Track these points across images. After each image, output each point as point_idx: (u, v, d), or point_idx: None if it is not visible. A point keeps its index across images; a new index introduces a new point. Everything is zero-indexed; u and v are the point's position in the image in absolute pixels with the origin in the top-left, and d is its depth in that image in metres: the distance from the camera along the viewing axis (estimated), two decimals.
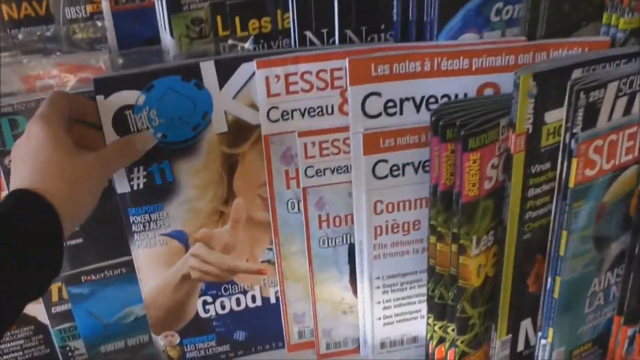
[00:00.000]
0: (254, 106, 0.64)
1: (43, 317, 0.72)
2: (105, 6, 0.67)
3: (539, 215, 0.63)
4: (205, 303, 0.73)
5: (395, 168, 0.65)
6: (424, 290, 0.70)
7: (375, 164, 0.64)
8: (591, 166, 0.59)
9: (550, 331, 0.66)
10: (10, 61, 0.65)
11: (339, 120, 0.64)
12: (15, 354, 0.74)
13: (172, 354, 0.75)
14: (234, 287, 0.73)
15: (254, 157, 0.66)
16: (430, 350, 0.71)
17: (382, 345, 0.74)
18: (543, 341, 0.68)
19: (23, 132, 0.57)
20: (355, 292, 0.72)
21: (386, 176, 0.65)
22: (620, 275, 0.68)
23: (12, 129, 0.62)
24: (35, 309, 0.71)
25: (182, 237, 0.69)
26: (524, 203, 0.62)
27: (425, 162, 0.65)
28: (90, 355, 0.75)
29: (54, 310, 0.71)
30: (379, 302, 0.71)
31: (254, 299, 0.74)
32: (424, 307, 0.71)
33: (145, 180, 0.65)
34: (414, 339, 0.74)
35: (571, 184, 0.59)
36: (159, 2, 0.65)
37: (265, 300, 0.74)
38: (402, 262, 0.69)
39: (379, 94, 0.62)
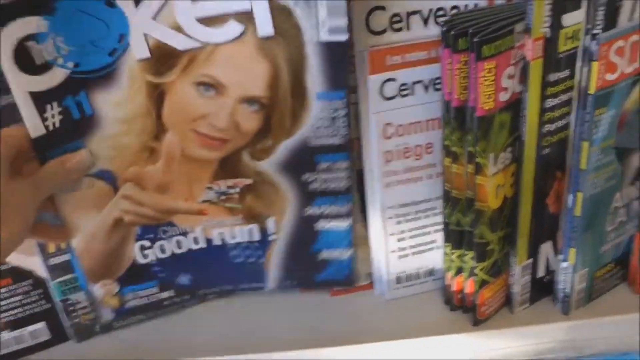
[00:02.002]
0: (179, 28, 0.57)
1: (41, 270, 0.68)
2: None
3: (557, 128, 0.60)
4: (143, 248, 0.68)
5: (404, 87, 0.61)
6: (439, 218, 0.67)
7: (383, 83, 0.61)
8: (612, 70, 0.56)
9: (572, 252, 0.64)
10: None
11: None
12: (15, 311, 0.70)
13: (112, 303, 0.71)
14: (174, 229, 0.68)
15: (184, 86, 0.60)
16: (447, 282, 0.68)
17: (398, 280, 0.71)
18: (564, 264, 0.65)
19: None
20: (365, 222, 0.69)
21: (395, 96, 0.61)
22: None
23: None
24: (32, 262, 0.67)
25: (109, 177, 0.64)
26: (542, 115, 0.58)
27: (436, 79, 0.61)
28: (95, 307, 0.72)
29: (51, 261, 0.67)
30: (393, 234, 0.68)
31: (196, 240, 0.69)
32: (439, 237, 0.68)
33: (61, 117, 0.59)
34: (431, 272, 0.71)
35: (591, 90, 0.56)
36: None
37: (209, 241, 0.69)
38: (416, 189, 0.66)
39: (383, 8, 0.59)
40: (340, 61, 0.59)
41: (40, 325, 0.72)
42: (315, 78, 0.59)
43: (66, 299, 0.70)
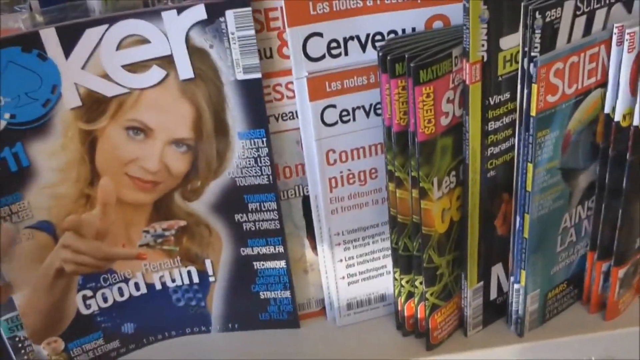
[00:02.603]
0: (106, 76, 0.58)
1: None
2: None
3: (501, 151, 0.59)
4: (85, 298, 0.67)
5: (345, 113, 0.60)
6: (387, 243, 0.66)
7: (323, 110, 0.59)
8: (553, 92, 0.55)
9: (523, 274, 0.63)
10: None
11: (280, 64, 0.59)
12: None
13: None
14: (114, 276, 0.68)
15: (115, 131, 0.61)
16: (399, 308, 0.67)
17: (349, 306, 0.70)
18: (516, 285, 0.64)
19: None
20: (314, 248, 0.67)
21: (336, 122, 0.60)
22: (591, 209, 0.64)
23: None
24: None
25: (49, 228, 0.63)
26: (484, 138, 0.57)
27: (376, 104, 0.60)
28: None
29: None
30: (341, 260, 0.66)
31: (137, 286, 0.69)
32: (389, 261, 0.67)
33: None
34: (382, 297, 0.70)
35: (533, 112, 0.55)
36: None
37: (150, 286, 0.69)
38: (362, 215, 0.65)
39: (320, 35, 0.57)
40: (258, 99, 0.60)
41: None
42: (236, 117, 0.61)
43: (14, 335, 0.68)
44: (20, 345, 0.69)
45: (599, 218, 0.63)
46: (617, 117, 0.58)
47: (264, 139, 0.61)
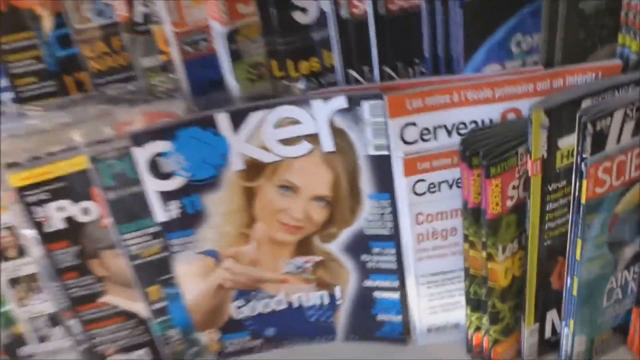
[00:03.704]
0: (265, 148, 0.75)
1: (144, 313, 0.87)
2: (175, 57, 0.79)
3: (558, 225, 0.72)
4: (238, 307, 0.87)
5: (432, 186, 0.75)
6: (462, 284, 0.81)
7: (415, 183, 0.75)
8: (601, 185, 0.67)
9: (571, 322, 0.76)
10: (101, 112, 0.78)
11: None
12: (125, 341, 0.89)
13: (214, 347, 0.90)
14: (262, 294, 0.87)
15: (269, 188, 0.78)
16: (469, 337, 0.82)
17: (429, 330, 0.85)
18: (566, 330, 0.77)
19: (119, 174, 0.72)
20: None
21: (424, 192, 0.75)
22: (637, 272, 0.76)
23: (111, 170, 0.76)
24: (138, 307, 0.86)
25: (214, 255, 0.82)
26: (543, 216, 0.71)
27: (457, 179, 0.75)
28: (186, 339, 0.90)
29: (154, 307, 0.86)
30: (425, 296, 0.82)
31: (279, 302, 0.87)
32: (463, 299, 0.82)
33: (179, 210, 0.78)
34: (456, 326, 0.85)
35: (583, 200, 0.68)
36: (222, 52, 0.76)
37: (289, 303, 0.87)
38: (443, 262, 0.80)
39: (414, 124, 0.72)
40: (386, 170, 0.75)
41: (143, 351, 0.91)
42: (366, 183, 0.77)
43: (163, 334, 0.89)
44: (167, 340, 0.90)
45: None
46: None
47: (389, 201, 0.77)
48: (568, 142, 0.68)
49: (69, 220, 0.80)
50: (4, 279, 0.89)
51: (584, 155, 0.66)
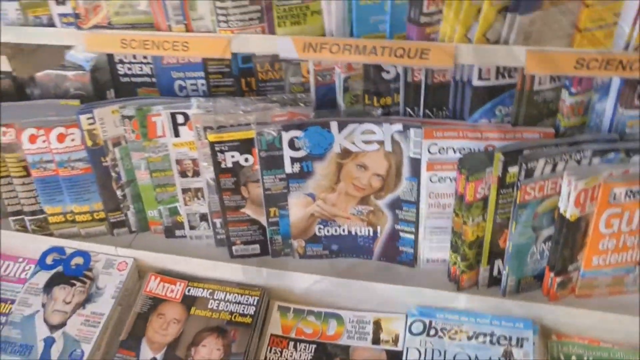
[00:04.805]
0: (353, 143, 1.27)
1: (263, 222, 1.45)
2: (311, 82, 1.38)
3: (504, 212, 1.28)
4: (319, 229, 1.38)
5: (441, 179, 1.32)
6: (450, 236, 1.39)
7: (431, 175, 1.32)
8: (528, 195, 1.24)
9: (508, 268, 1.33)
10: (264, 107, 1.36)
11: None
12: (246, 237, 1.44)
13: (300, 251, 1.43)
14: (334, 223, 1.37)
15: (350, 165, 1.29)
16: (449, 268, 1.38)
17: (428, 261, 1.43)
18: (504, 272, 1.35)
19: (270, 143, 1.35)
20: None
21: (436, 182, 1.33)
22: (549, 246, 1.33)
23: (266, 141, 1.36)
24: (261, 219, 1.46)
25: (312, 196, 1.33)
26: (496, 207, 1.27)
27: (454, 178, 1.32)
28: (284, 244, 1.49)
29: (271, 220, 1.43)
30: (428, 240, 1.39)
31: (343, 230, 1.39)
32: (449, 244, 1.40)
33: (299, 168, 1.31)
34: (444, 260, 1.40)
35: (517, 201, 1.24)
36: (338, 85, 1.35)
37: (349, 231, 1.39)
38: (441, 221, 1.34)
39: (436, 144, 1.29)
40: (417, 166, 1.31)
41: (256, 246, 1.48)
42: (406, 170, 1.33)
43: (272, 237, 1.48)
44: (274, 242, 1.46)
45: (554, 254, 1.30)
46: (562, 210, 1.26)
47: (416, 182, 1.32)
48: (514, 169, 1.25)
49: (236, 163, 1.37)
50: (179, 187, 1.46)
51: (520, 179, 1.23)
